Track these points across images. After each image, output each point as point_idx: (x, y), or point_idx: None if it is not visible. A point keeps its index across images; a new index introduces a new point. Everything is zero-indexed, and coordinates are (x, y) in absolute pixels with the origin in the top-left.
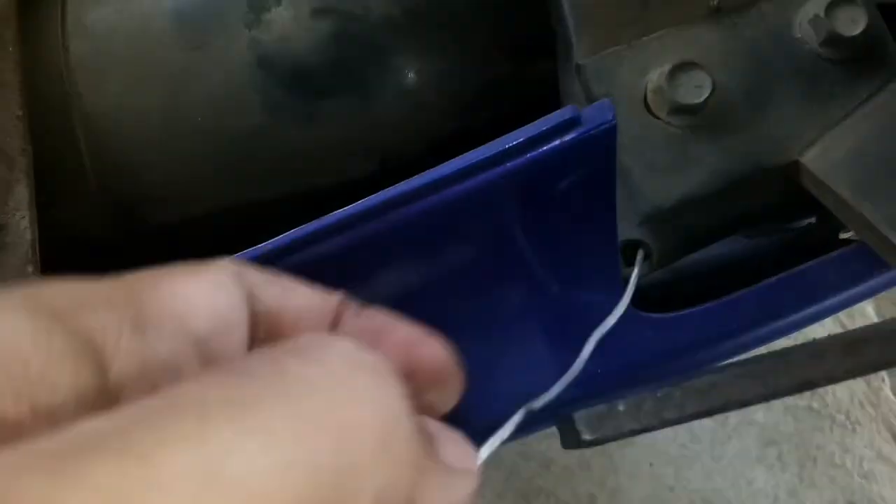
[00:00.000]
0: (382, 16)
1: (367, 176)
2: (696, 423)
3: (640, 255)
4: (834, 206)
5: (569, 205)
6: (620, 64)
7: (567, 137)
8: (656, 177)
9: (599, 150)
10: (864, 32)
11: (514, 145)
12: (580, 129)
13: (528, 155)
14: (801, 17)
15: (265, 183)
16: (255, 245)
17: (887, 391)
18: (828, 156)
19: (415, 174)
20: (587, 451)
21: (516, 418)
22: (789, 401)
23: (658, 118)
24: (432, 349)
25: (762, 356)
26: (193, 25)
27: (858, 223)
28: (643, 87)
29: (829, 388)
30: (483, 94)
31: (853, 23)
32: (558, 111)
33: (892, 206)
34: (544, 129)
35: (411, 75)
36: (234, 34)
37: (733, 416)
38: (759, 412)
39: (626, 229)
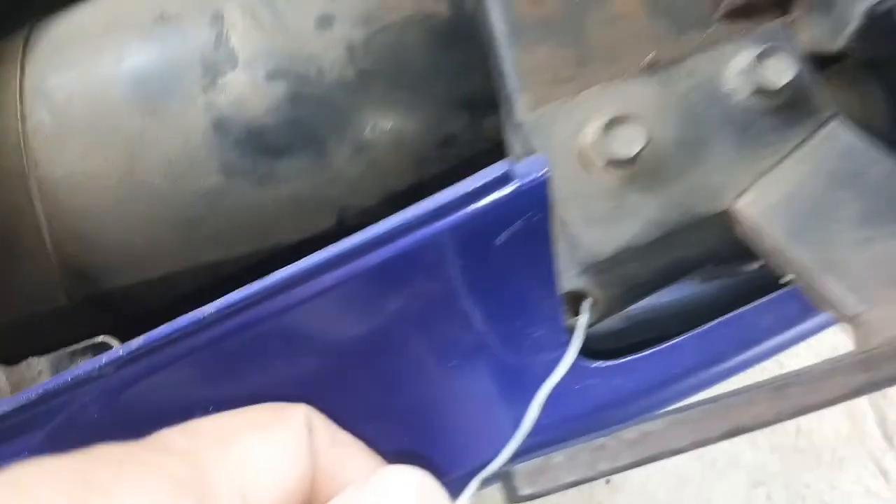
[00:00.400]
0: (337, 77)
1: (325, 232)
2: (684, 467)
3: (584, 304)
4: (767, 252)
5: (508, 257)
6: (558, 119)
7: (501, 192)
8: (594, 227)
9: (534, 203)
10: (792, 83)
11: (449, 202)
12: (513, 184)
13: (464, 210)
14: (731, 70)
15: (223, 243)
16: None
17: (872, 426)
18: (761, 202)
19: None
20: (577, 498)
21: (470, 491)
22: (775, 440)
23: (595, 170)
24: None
25: (693, 403)
26: (149, 90)
27: (790, 268)
28: (580, 141)
29: (815, 425)
30: (438, 148)
31: (781, 73)
32: (492, 167)
33: (822, 251)
34: (478, 185)
35: (366, 133)
36: (189, 98)
37: (720, 459)
38: (745, 453)
39: (570, 279)
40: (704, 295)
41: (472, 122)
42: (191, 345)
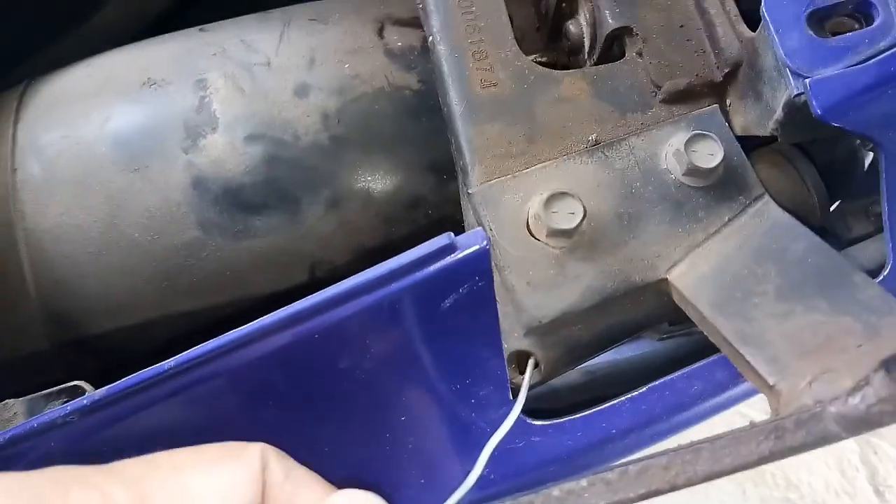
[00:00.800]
0: (311, 142)
1: (297, 285)
2: None
3: (529, 364)
4: (697, 320)
5: (454, 321)
6: (506, 192)
7: (443, 262)
8: (537, 293)
9: (476, 271)
10: (721, 164)
11: (396, 269)
12: (455, 254)
13: (410, 278)
14: (667, 150)
15: (199, 294)
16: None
17: (862, 481)
18: (692, 274)
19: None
20: None
21: None
22: (765, 492)
23: (539, 240)
24: None
25: (613, 465)
26: (134, 150)
27: (716, 338)
28: (525, 213)
29: (805, 478)
30: (407, 209)
31: (711, 156)
32: (435, 238)
33: (743, 323)
34: (421, 255)
35: (338, 193)
36: (171, 158)
37: None
38: None
39: (515, 341)
40: (642, 358)
41: (438, 186)
42: (153, 395)
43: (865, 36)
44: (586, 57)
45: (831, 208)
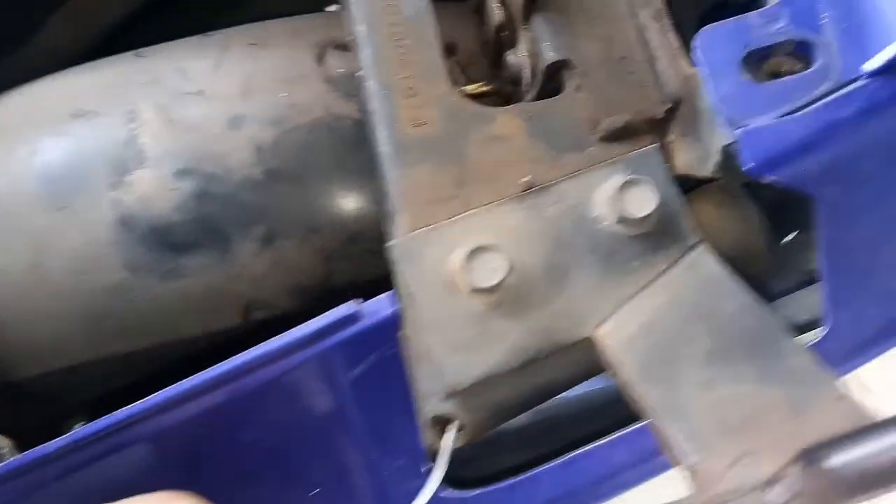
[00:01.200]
0: (244, 176)
1: (232, 327)
2: None
3: (449, 431)
4: (620, 386)
5: (363, 391)
6: (427, 245)
7: (349, 331)
8: (457, 355)
9: (384, 339)
10: (655, 211)
11: (297, 340)
12: (361, 323)
13: (312, 349)
14: (598, 196)
15: (128, 337)
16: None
17: None
18: (619, 332)
19: (278, 324)
20: None
21: None
22: None
23: (460, 297)
24: None
25: None
26: (59, 187)
27: (639, 406)
28: (447, 268)
29: None
30: (345, 245)
31: (644, 203)
32: (340, 307)
33: (667, 391)
34: (325, 325)
35: (272, 229)
36: (97, 195)
37: None
38: None
39: (435, 404)
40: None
41: (378, 220)
42: (67, 464)
43: (803, 81)
44: (527, 89)
45: (787, 238)
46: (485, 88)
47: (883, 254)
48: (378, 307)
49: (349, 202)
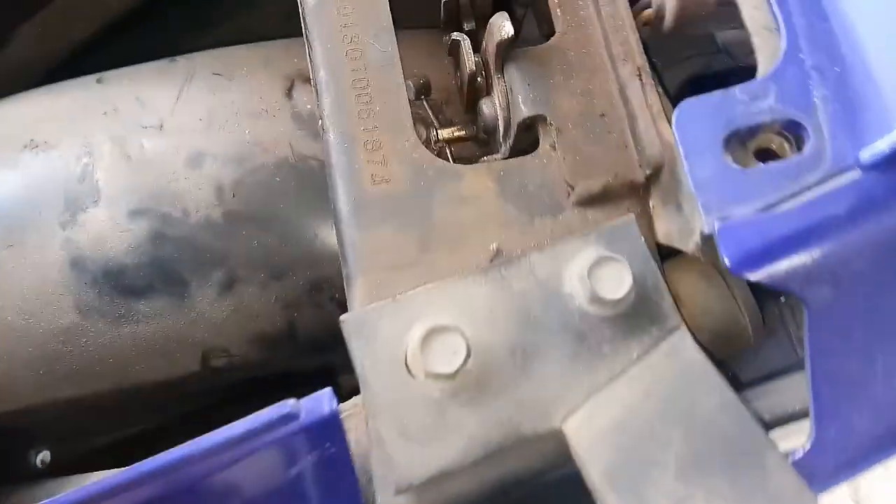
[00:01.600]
0: (202, 218)
1: (189, 374)
2: None
3: None
4: (589, 486)
5: (304, 490)
6: (383, 320)
7: (285, 430)
8: (410, 446)
9: (323, 439)
10: (630, 292)
11: (229, 439)
12: (298, 423)
13: (246, 447)
14: (570, 272)
15: (80, 381)
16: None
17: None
18: (589, 427)
19: (240, 373)
20: None
21: None
22: None
23: (416, 381)
24: None
25: None
26: (10, 222)
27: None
28: (403, 348)
29: None
30: (309, 293)
31: (618, 284)
32: (276, 405)
33: (632, 502)
34: (259, 424)
35: (232, 275)
36: (48, 234)
37: None
38: None
39: (387, 499)
40: None
41: (338, 270)
42: None
43: (791, 167)
44: (501, 140)
45: (773, 315)
46: (459, 133)
47: (877, 363)
48: (315, 406)
49: (314, 248)
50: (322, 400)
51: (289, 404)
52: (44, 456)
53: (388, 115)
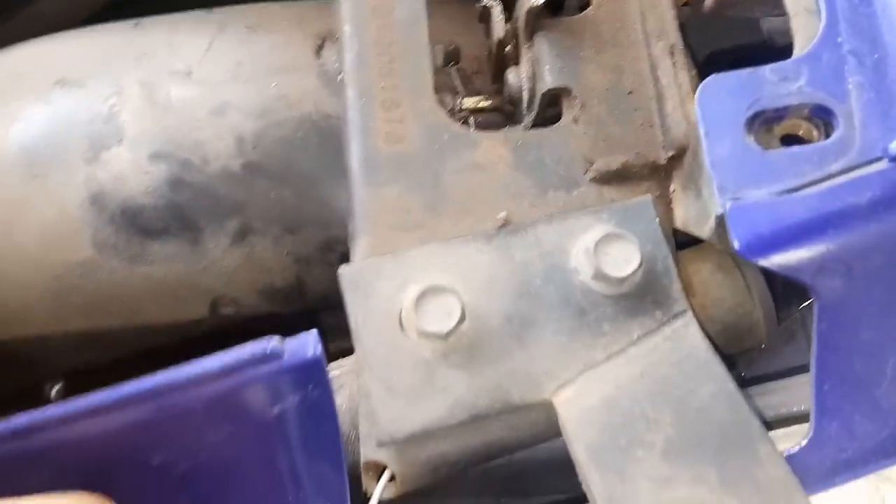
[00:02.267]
0: (221, 167)
1: (198, 319)
2: None
3: (381, 480)
4: (574, 461)
5: (285, 431)
6: (381, 276)
7: (267, 369)
8: (396, 403)
9: (307, 382)
10: (638, 272)
11: (209, 372)
12: (281, 362)
13: (225, 382)
14: (577, 246)
15: (93, 315)
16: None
17: None
18: (579, 403)
19: (249, 325)
20: None
21: None
22: None
23: (408, 340)
24: None
25: None
26: (36, 155)
27: (586, 485)
28: (397, 305)
29: None
30: (320, 251)
31: (625, 262)
32: (259, 341)
33: (617, 481)
34: (240, 359)
35: (246, 225)
36: (71, 169)
37: None
38: None
39: (370, 450)
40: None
41: None
42: None
43: (815, 153)
44: (525, 112)
45: (791, 316)
46: (484, 104)
47: (886, 365)
48: (299, 346)
49: (328, 206)
50: (307, 341)
51: (273, 342)
52: (59, 388)
53: (410, 75)
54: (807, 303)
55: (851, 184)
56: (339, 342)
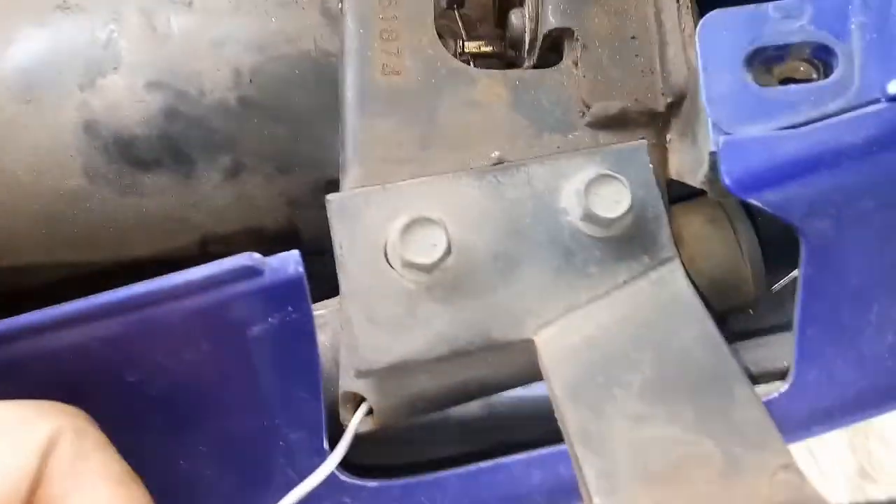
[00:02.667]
0: (217, 100)
1: (186, 255)
2: None
3: (358, 411)
4: (551, 397)
5: (262, 353)
6: (369, 206)
7: (245, 286)
8: (376, 332)
9: (286, 301)
10: (627, 214)
11: (185, 283)
12: (260, 279)
13: (201, 297)
14: (568, 188)
15: (81, 246)
16: None
17: None
18: (560, 341)
19: None
20: None
21: None
22: None
23: (393, 271)
24: None
25: None
26: (31, 78)
27: (562, 426)
28: (384, 236)
29: None
30: (314, 192)
31: (615, 203)
32: (237, 256)
33: (592, 417)
34: (217, 272)
35: (238, 162)
36: (65, 94)
37: None
38: None
39: (348, 380)
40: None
41: None
42: None
43: (813, 92)
44: (525, 55)
45: (782, 282)
46: (485, 49)
47: (872, 312)
48: (280, 265)
49: (324, 147)
50: (288, 260)
51: (248, 257)
52: None
53: (411, 6)
54: (794, 272)
55: (847, 123)
56: (327, 290)
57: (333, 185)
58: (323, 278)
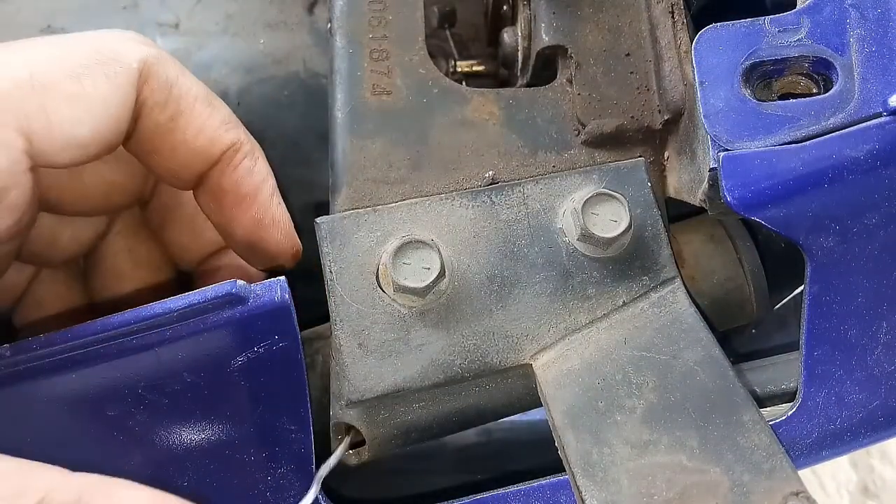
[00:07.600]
0: None
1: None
2: None
3: (342, 443)
4: (550, 424)
5: (247, 385)
6: (360, 228)
7: (228, 314)
8: (367, 360)
9: (272, 330)
10: (626, 234)
11: (169, 311)
12: (244, 308)
13: (189, 324)
14: (564, 206)
15: None
16: None
17: None
18: (559, 366)
19: None
20: None
21: None
22: None
23: (385, 295)
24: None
25: None
26: None
27: (562, 449)
28: (375, 259)
29: None
30: (305, 216)
31: (613, 222)
32: (220, 284)
33: (594, 444)
34: (198, 301)
35: None
36: None
37: None
38: None
39: (339, 410)
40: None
41: None
42: None
43: (813, 106)
44: (519, 74)
45: (785, 300)
46: (478, 68)
47: (880, 330)
48: (265, 292)
49: (313, 169)
50: (274, 287)
51: (231, 285)
52: None
53: (401, 25)
54: (798, 289)
55: (849, 137)
56: (318, 316)
57: (323, 208)
58: (313, 303)
